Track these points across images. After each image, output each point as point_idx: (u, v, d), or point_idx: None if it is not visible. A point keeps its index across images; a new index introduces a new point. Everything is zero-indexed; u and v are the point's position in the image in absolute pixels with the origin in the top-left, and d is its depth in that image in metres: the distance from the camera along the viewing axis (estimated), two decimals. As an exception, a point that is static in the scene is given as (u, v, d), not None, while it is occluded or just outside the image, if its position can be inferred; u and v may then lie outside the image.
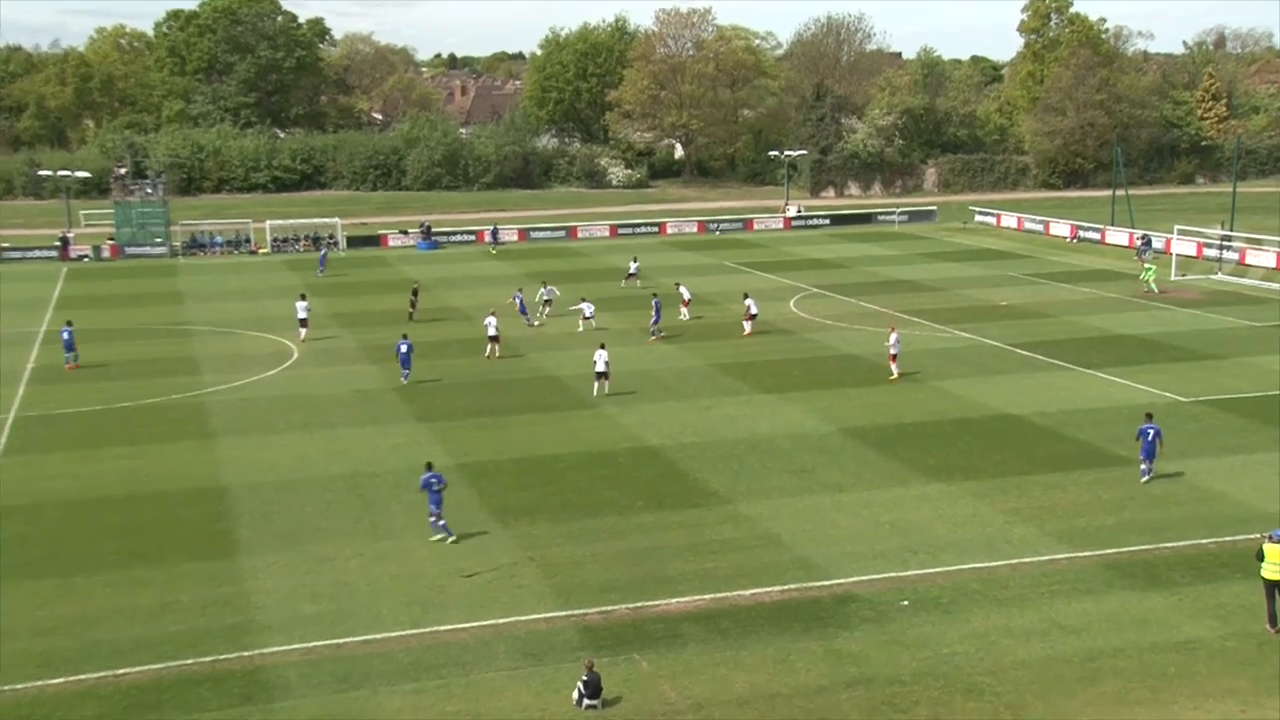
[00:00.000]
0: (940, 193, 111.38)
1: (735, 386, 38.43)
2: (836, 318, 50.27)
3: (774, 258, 71.17)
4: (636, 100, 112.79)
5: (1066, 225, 77.98)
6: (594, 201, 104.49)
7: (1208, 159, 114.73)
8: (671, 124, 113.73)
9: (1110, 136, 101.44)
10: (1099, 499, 27.02)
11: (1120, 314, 49.60)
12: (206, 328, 49.35)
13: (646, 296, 52.04)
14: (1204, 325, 46.69)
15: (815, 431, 33.04)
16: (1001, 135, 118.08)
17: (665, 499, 27.73)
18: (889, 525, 25.86)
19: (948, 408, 35.27)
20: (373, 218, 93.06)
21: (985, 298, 54.50)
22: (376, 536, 25.76)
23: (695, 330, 48.11)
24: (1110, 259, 67.26)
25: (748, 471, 29.62)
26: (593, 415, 35.04)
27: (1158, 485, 27.69)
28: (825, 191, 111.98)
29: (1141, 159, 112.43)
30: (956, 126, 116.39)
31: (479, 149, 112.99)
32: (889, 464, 29.98)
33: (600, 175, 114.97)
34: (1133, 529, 25.18)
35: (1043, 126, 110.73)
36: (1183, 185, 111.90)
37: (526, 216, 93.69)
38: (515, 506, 27.38)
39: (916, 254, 71.05)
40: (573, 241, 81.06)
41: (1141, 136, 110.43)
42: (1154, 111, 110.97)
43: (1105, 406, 34.98)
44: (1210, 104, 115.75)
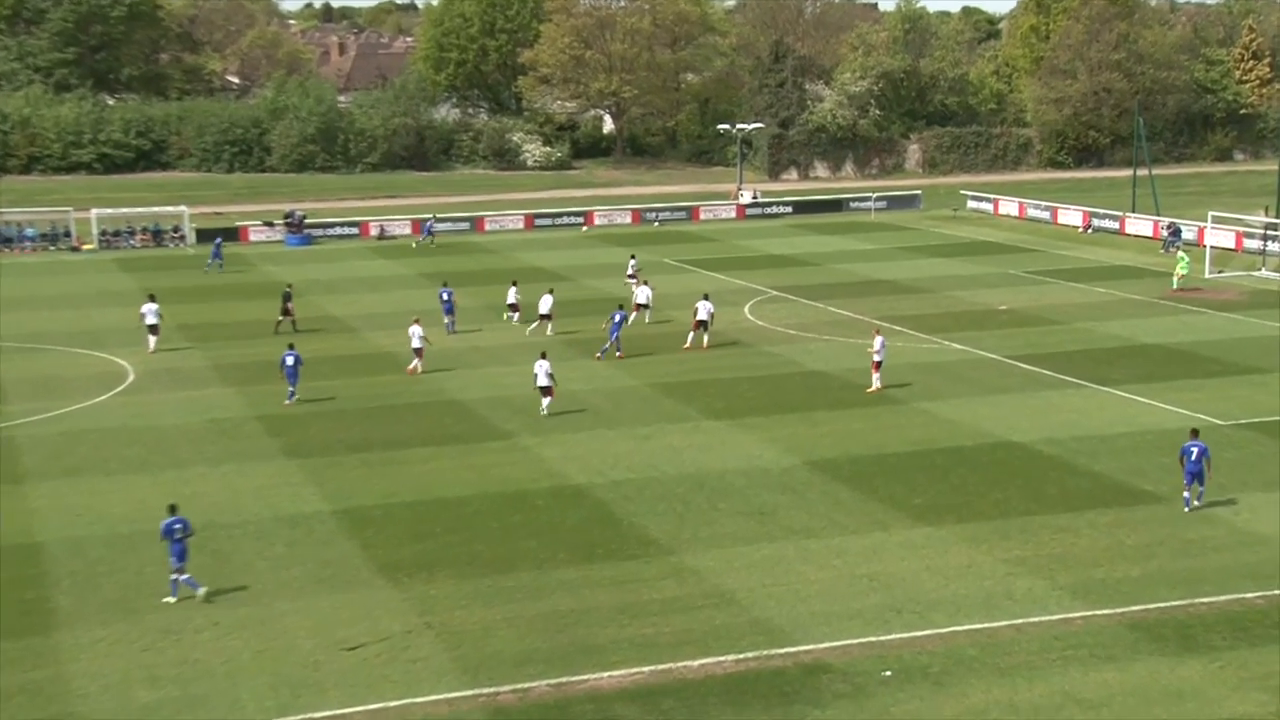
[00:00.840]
0: (925, 174, 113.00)
1: (679, 411, 38.58)
2: (801, 326, 50.69)
3: (725, 254, 71.59)
4: (556, 62, 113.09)
5: (1078, 212, 79.49)
6: (505, 186, 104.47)
7: (1248, 131, 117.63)
8: (599, 91, 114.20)
9: (1130, 104, 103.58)
10: (1121, 545, 27.46)
11: (1144, 319, 50.59)
12: (13, 343, 48.42)
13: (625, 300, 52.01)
14: (1245, 332, 47.76)
15: (776, 465, 33.23)
16: (999, 104, 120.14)
17: (594, 549, 27.67)
18: (867, 579, 26.04)
19: (937, 435, 35.67)
20: (229, 206, 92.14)
21: (980, 301, 55.31)
22: (236, 602, 25.37)
23: (631, 343, 48.19)
24: (1131, 252, 68.68)
25: (695, 515, 29.68)
26: (505, 448, 34.99)
27: (1192, 527, 28.21)
28: (786, 173, 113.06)
29: (1168, 131, 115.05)
30: (944, 94, 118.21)
31: (362, 122, 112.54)
32: (866, 504, 30.21)
33: (512, 154, 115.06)
34: (1162, 581, 25.61)
35: (1049, 93, 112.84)
36: (1218, 163, 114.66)
37: (422, 205, 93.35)
38: (409, 561, 27.14)
39: (897, 248, 71.97)
40: (479, 235, 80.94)
41: (1168, 104, 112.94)
42: (1183, 73, 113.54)
43: (1127, 431, 35.62)
44: (1251, 64, 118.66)
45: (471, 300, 53.62)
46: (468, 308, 51.62)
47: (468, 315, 51.30)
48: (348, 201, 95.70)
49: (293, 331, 49.60)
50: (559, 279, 63.48)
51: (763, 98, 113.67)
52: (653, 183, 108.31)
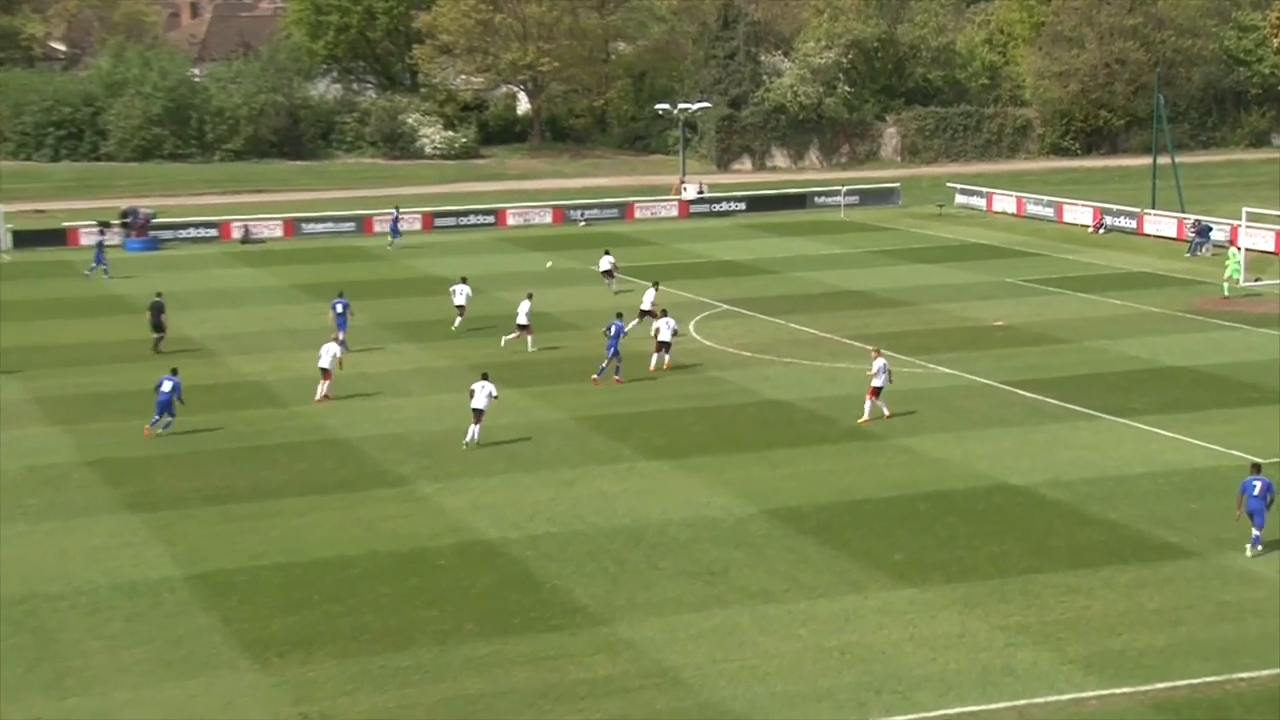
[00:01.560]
0: (905, 163, 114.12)
1: (611, 450, 38.53)
2: (758, 347, 50.88)
3: (665, 259, 71.77)
4: (458, 28, 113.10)
5: (1087, 209, 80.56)
6: (398, 178, 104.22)
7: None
8: (511, 64, 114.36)
9: (1148, 78, 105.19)
10: (1142, 609, 27.74)
11: (1167, 336, 51.30)
12: None
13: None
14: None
15: (729, 515, 33.26)
16: (992, 79, 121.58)
17: (509, 619, 27.55)
18: (838, 652, 26.11)
19: (922, 477, 35.90)
20: (54, 202, 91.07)
21: (972, 315, 55.84)
22: (63, 691, 24.99)
23: (550, 366, 48.17)
24: (1151, 256, 69.70)
25: (631, 576, 29.63)
26: (400, 497, 34.81)
27: (1228, 588, 28.57)
28: (739, 163, 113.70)
29: (1194, 111, 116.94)
30: (927, 67, 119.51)
31: (220, 100, 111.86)
32: (837, 561, 30.30)
33: (407, 140, 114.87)
34: (1192, 652, 25.88)
35: (1051, 65, 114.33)
36: (1253, 148, 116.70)
37: (296, 201, 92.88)
38: (281, 637, 26.87)
39: (872, 252, 72.57)
40: (367, 237, 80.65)
41: (1193, 78, 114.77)
42: (1210, 42, 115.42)
43: (1147, 472, 36.05)
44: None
45: (359, 317, 53.35)
46: (353, 326, 51.41)
47: (353, 335, 51.04)
48: (204, 197, 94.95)
49: (153, 354, 49.95)
50: (475, 289, 63.21)
51: (709, 71, 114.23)
52: (577, 174, 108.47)
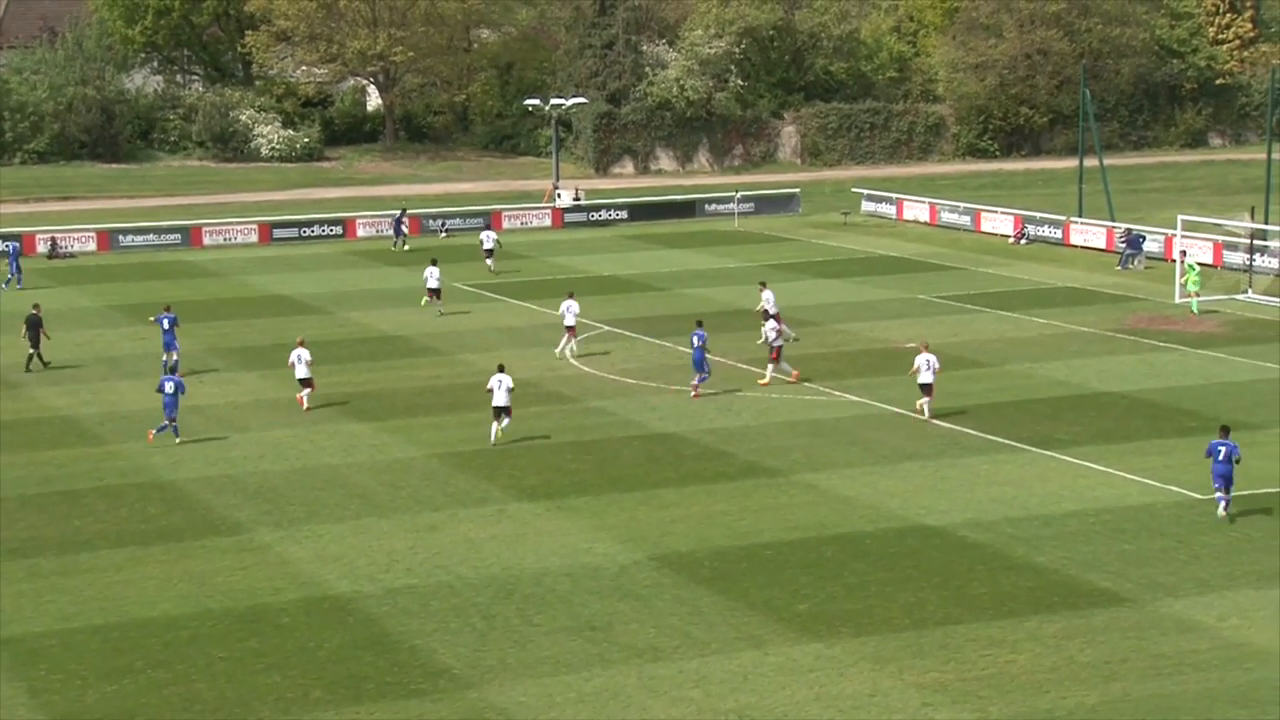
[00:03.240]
0: (806, 166, 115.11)
1: (478, 490, 38.48)
2: (643, 373, 51.02)
3: (536, 274, 71.80)
4: (297, 13, 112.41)
5: (1007, 217, 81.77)
6: (231, 183, 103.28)
7: (1225, 107, 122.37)
8: (359, 54, 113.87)
9: (1073, 71, 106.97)
10: (1072, 663, 28.13)
11: (1097, 359, 52.16)
12: None
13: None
14: (1229, 375, 49.55)
15: (612, 562, 33.32)
16: (901, 71, 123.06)
17: (362, 684, 27.38)
18: (735, 715, 26.22)
19: (828, 518, 36.20)
20: None
21: (881, 335, 56.42)
22: None
23: (407, 397, 47.97)
24: (1078, 269, 70.85)
25: (501, 633, 29.57)
26: (235, 547, 34.51)
27: (1166, 638, 29.04)
28: (619, 165, 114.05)
29: (1124, 108, 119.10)
30: (829, 58, 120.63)
31: (21, 93, 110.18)
32: (734, 613, 30.45)
33: (241, 139, 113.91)
34: (1127, 710, 26.28)
35: (966, 56, 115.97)
36: (1188, 149, 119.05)
37: (111, 209, 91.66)
38: (99, 709, 26.54)
39: (769, 266, 73.02)
40: (194, 251, 79.84)
41: (1122, 71, 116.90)
42: (1141, 30, 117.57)
43: (1077, 510, 36.60)
44: (1227, 18, 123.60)
45: (186, 342, 52.80)
46: (182, 352, 50.93)
47: (181, 363, 50.55)
48: (3, 205, 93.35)
49: (41, 367, 51.19)
50: (312, 311, 63.00)
51: (585, 63, 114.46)
52: (436, 178, 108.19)
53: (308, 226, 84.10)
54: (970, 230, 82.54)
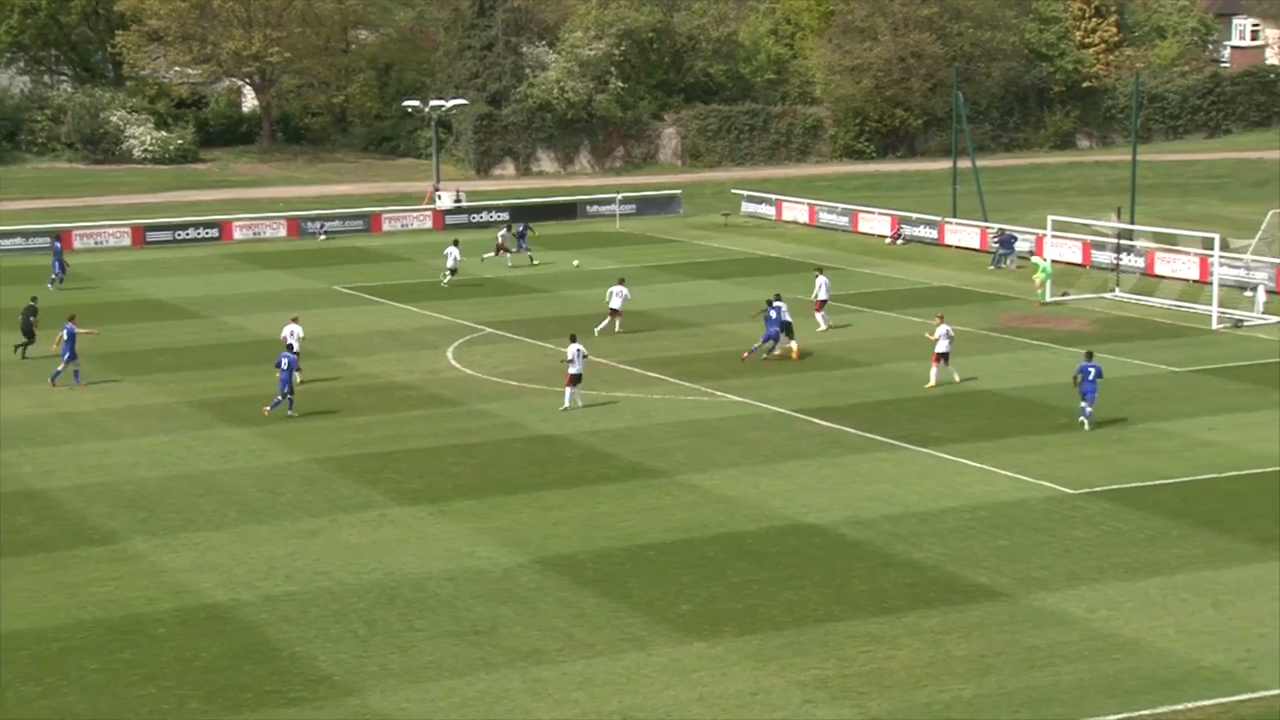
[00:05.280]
0: (686, 167, 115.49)
1: (360, 495, 38.34)
2: (525, 375, 51.04)
3: (417, 277, 71.51)
4: (170, 12, 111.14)
5: (884, 217, 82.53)
6: (101, 186, 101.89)
7: (1093, 109, 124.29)
8: (234, 54, 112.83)
9: (946, 74, 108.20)
10: (949, 657, 28.52)
11: (971, 358, 52.78)
12: None
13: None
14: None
15: (495, 566, 33.32)
16: (779, 74, 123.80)
17: (241, 694, 27.19)
18: (620, 717, 26.32)
19: (710, 518, 36.42)
20: None
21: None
22: None
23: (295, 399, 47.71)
24: (953, 269, 71.68)
25: (383, 638, 29.49)
26: (109, 556, 34.13)
27: (1039, 631, 29.53)
28: (500, 167, 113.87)
29: (995, 110, 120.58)
30: (708, 60, 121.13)
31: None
32: (618, 615, 30.56)
33: (112, 141, 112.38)
34: (1003, 702, 26.69)
35: (843, 60, 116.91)
36: (1058, 151, 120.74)
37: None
38: (-28, 724, 26.13)
39: (651, 267, 73.23)
40: (65, 255, 78.59)
41: (993, 74, 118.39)
42: (1010, 35, 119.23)
43: (953, 507, 37.08)
44: (1094, 23, 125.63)
45: (94, 358, 52.24)
46: (53, 356, 50.34)
47: (50, 367, 49.96)
48: None
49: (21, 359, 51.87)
50: (188, 315, 62.44)
51: (465, 65, 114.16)
52: (314, 180, 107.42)
53: (183, 229, 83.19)
54: (848, 231, 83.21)
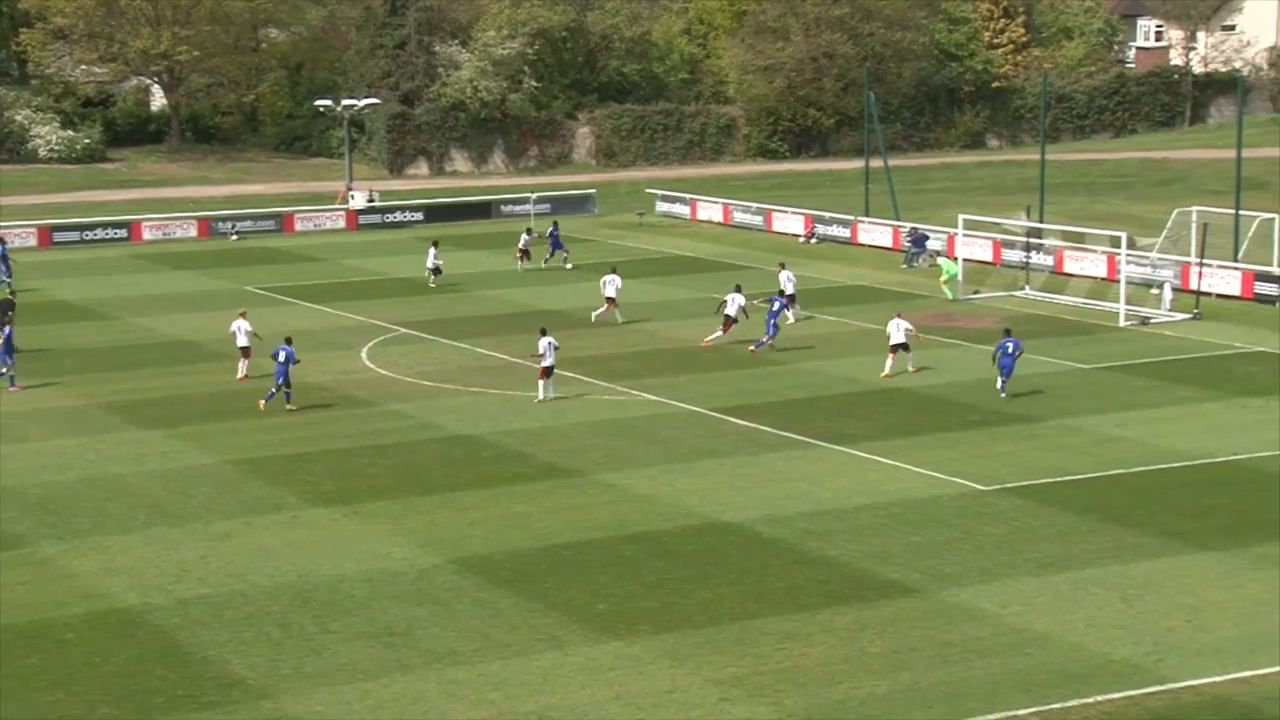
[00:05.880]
0: (601, 167, 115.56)
1: (273, 497, 38.13)
2: (440, 375, 50.90)
3: (331, 277, 71.19)
4: (76, 10, 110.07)
5: (798, 217, 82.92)
6: (7, 185, 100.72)
7: (1002, 109, 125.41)
8: (142, 53, 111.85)
9: (858, 74, 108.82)
10: (864, 653, 28.67)
11: (880, 356, 53.01)
12: None
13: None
14: (1006, 369, 50.83)
15: (411, 567, 33.22)
16: (693, 74, 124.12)
17: (152, 699, 26.97)
18: (536, 717, 26.29)
19: (626, 517, 36.46)
20: None
21: (677, 335, 56.89)
22: None
23: (200, 403, 47.34)
24: (866, 268, 72.08)
25: (297, 641, 29.33)
26: (15, 561, 33.77)
27: (952, 627, 29.73)
28: (414, 166, 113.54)
29: (906, 110, 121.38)
30: (621, 59, 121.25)
31: None
32: (534, 615, 30.55)
33: (17, 140, 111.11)
34: (916, 698, 26.87)
35: (755, 60, 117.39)
36: (968, 150, 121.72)
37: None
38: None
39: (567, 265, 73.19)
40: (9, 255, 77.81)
41: (904, 74, 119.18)
42: (921, 35, 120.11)
43: (867, 504, 37.29)
44: (1002, 23, 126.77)
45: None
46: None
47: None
48: None
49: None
50: (96, 316, 61.86)
51: (377, 64, 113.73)
52: (225, 180, 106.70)
53: (90, 229, 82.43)
54: (762, 230, 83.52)
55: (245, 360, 49.73)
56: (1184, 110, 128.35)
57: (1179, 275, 62.80)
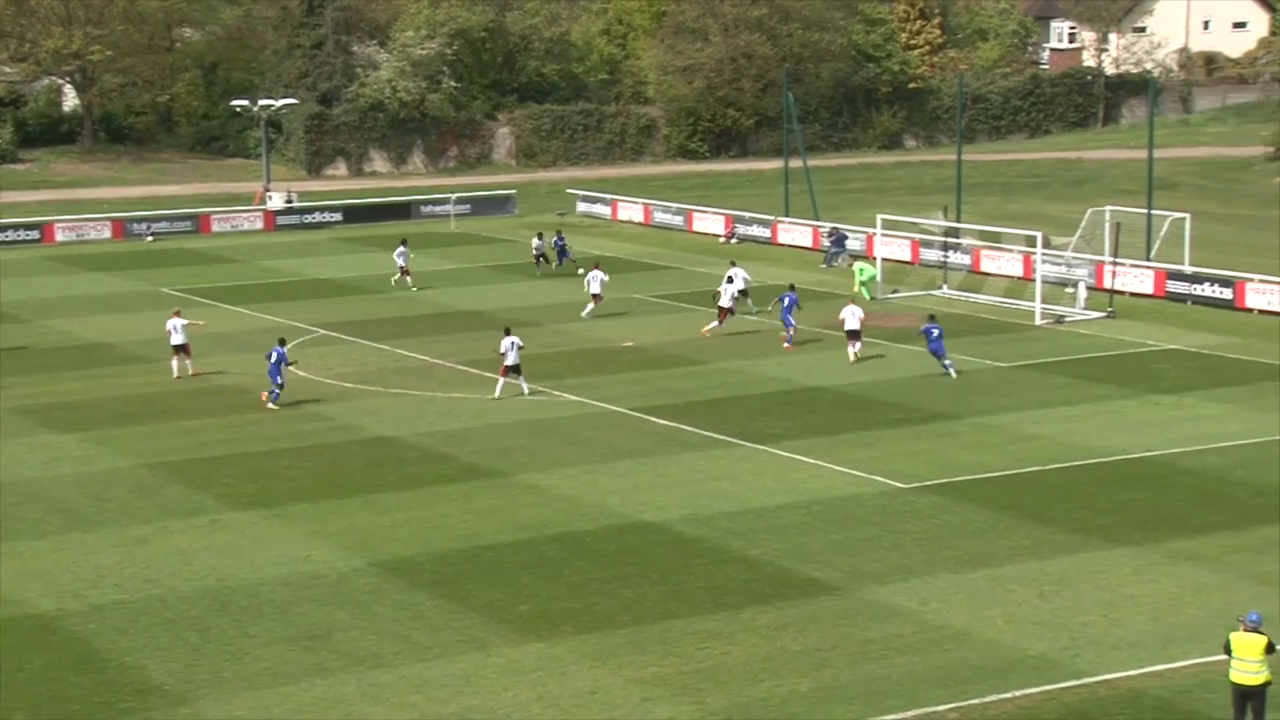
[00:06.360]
0: (521, 167, 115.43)
1: (191, 501, 37.88)
2: (361, 377, 50.70)
3: (250, 278, 70.77)
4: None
5: (718, 217, 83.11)
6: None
7: (919, 110, 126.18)
8: (54, 52, 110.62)
9: (776, 75, 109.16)
10: (785, 651, 28.79)
11: (806, 355, 53.43)
12: None
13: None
14: (928, 368, 51.13)
15: (331, 570, 33.08)
16: (612, 74, 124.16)
17: (68, 706, 26.75)
18: (458, 719, 26.29)
19: (548, 518, 36.45)
20: None
21: (599, 336, 56.93)
22: None
23: (116, 405, 46.97)
24: (786, 267, 72.28)
25: (216, 646, 29.16)
26: (-66, 567, 33.36)
27: (873, 624, 29.90)
28: (332, 167, 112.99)
29: (825, 110, 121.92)
30: (541, 59, 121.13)
31: None
32: (456, 617, 30.47)
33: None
34: (837, 695, 26.99)
35: (675, 60, 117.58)
36: (886, 151, 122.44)
37: None
38: None
39: (486, 267, 73.13)
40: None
41: (822, 75, 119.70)
42: (838, 36, 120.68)
43: (789, 503, 37.42)
44: (918, 24, 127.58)
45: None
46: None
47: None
48: None
49: None
50: (9, 319, 61.20)
51: (294, 63, 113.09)
52: (140, 181, 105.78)
53: (1, 231, 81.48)
54: (683, 230, 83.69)
55: (178, 359, 49.89)
56: (1097, 111, 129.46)
57: (1093, 274, 63.42)
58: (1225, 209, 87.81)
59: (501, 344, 46.94)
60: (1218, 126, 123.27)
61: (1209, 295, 60.91)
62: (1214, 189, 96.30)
